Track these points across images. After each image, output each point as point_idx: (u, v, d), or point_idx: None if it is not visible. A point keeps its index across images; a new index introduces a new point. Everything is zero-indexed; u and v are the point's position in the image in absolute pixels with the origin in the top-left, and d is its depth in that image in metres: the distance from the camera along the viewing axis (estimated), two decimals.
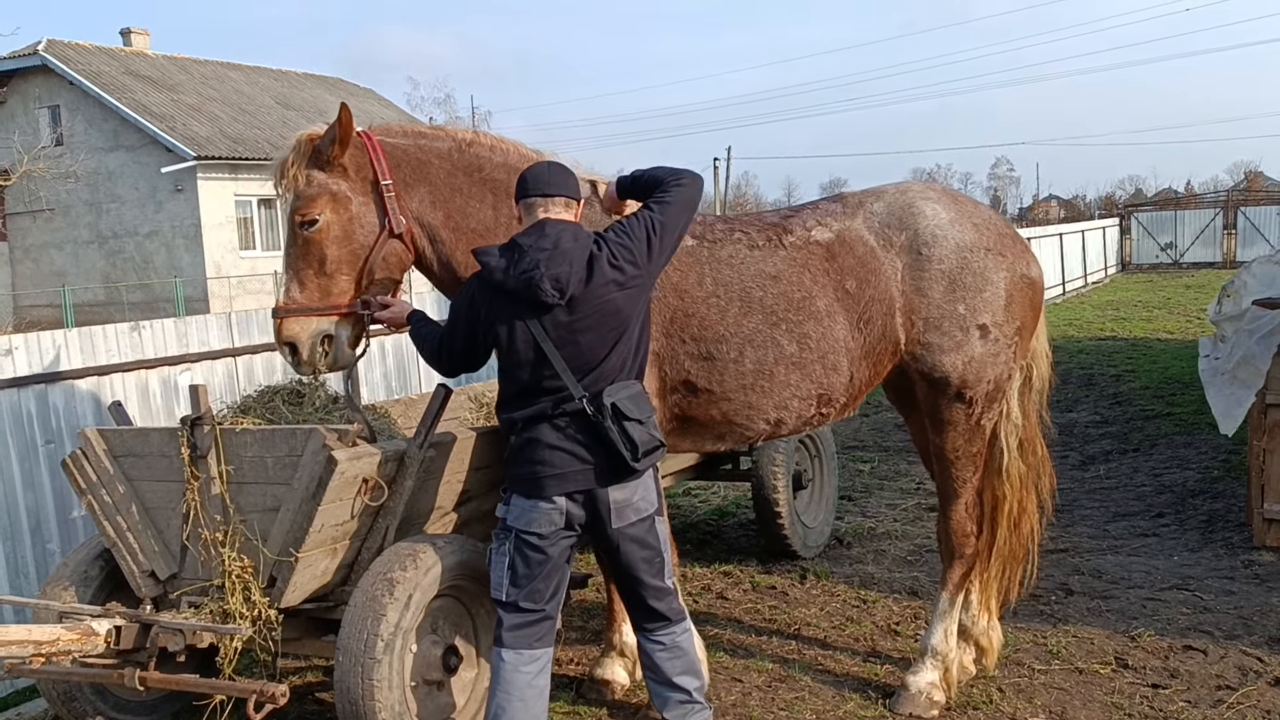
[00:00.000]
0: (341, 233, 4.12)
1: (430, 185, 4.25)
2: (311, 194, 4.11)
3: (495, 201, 4.29)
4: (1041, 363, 4.86)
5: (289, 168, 4.14)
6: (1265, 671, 4.90)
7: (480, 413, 5.91)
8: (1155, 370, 13.55)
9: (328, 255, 4.12)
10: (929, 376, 4.49)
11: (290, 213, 4.14)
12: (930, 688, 4.64)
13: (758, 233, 4.45)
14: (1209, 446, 9.30)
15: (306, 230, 4.10)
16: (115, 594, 4.41)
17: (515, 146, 4.41)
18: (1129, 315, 20.79)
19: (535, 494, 3.76)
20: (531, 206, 3.77)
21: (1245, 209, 35.29)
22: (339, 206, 4.12)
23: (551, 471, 3.73)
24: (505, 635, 3.83)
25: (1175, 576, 6.24)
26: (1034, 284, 4.62)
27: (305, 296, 4.13)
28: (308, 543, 3.94)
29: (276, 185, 4.20)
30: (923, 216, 4.46)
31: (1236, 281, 7.81)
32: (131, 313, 26.85)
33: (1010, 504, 4.81)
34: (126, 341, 5.92)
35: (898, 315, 4.41)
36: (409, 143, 4.30)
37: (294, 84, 37.50)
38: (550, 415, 3.73)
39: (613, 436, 3.66)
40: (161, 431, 4.30)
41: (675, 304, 4.26)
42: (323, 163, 4.12)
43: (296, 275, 4.14)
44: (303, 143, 4.16)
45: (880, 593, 6.18)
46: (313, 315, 4.11)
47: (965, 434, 4.57)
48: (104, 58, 31.93)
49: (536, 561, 3.79)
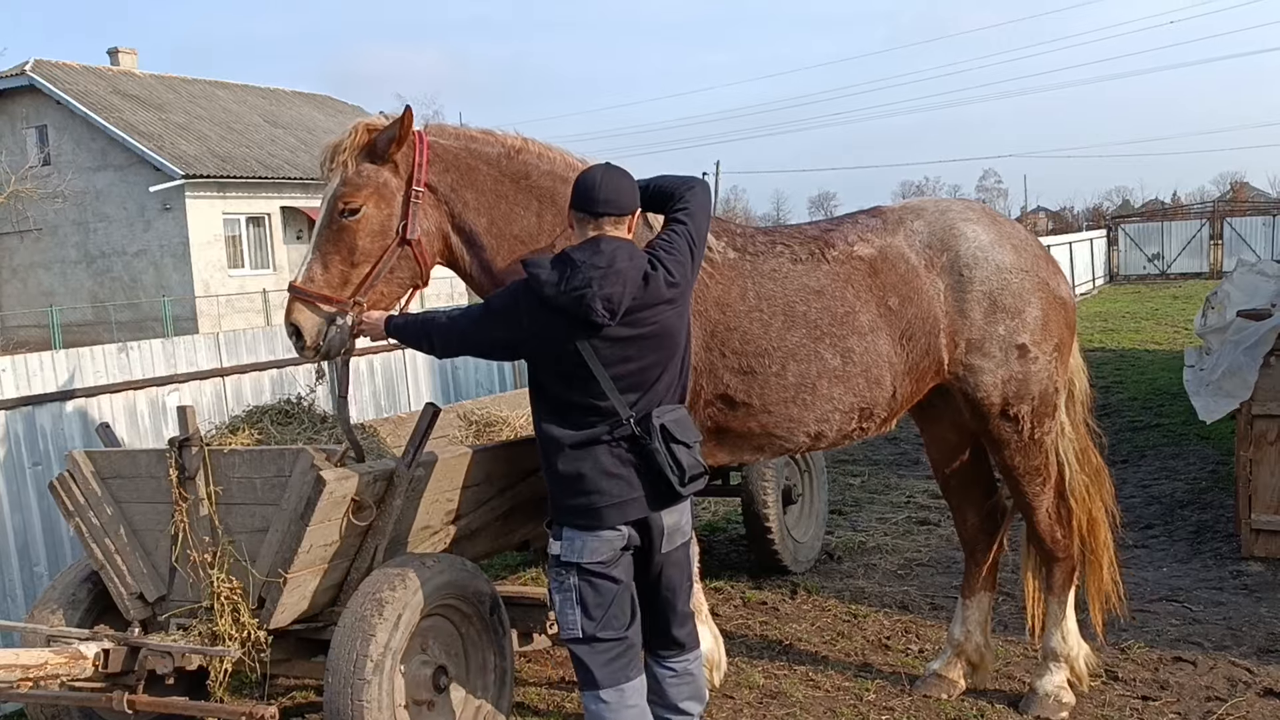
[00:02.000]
0: (378, 228, 4.08)
1: (476, 190, 4.21)
2: (359, 183, 4.06)
3: (540, 209, 4.24)
4: (1080, 376, 4.91)
5: (341, 151, 4.08)
6: (1254, 682, 4.92)
7: (469, 430, 5.90)
8: (1143, 381, 13.61)
9: (358, 246, 4.06)
10: (972, 397, 4.53)
11: (333, 196, 4.08)
12: (1059, 690, 4.73)
13: (800, 246, 4.43)
14: (1197, 458, 9.34)
15: (346, 218, 4.05)
16: (104, 617, 4.40)
17: (562, 155, 4.37)
18: (1117, 326, 20.88)
19: (596, 525, 3.56)
20: (584, 221, 3.61)
21: (1231, 220, 35.59)
22: (382, 202, 4.08)
23: (611, 501, 3.54)
24: (598, 675, 3.59)
25: (1164, 588, 6.26)
26: (1066, 303, 4.67)
27: (325, 280, 4.06)
28: (297, 563, 3.94)
29: (324, 164, 4.15)
30: (964, 239, 4.49)
31: (1220, 293, 7.88)
32: (120, 332, 26.79)
33: (1079, 517, 4.83)
34: (114, 362, 5.91)
35: (942, 335, 4.44)
36: (459, 146, 4.24)
37: (282, 102, 37.53)
38: (605, 440, 3.56)
39: (660, 460, 3.52)
40: (149, 453, 4.29)
41: (717, 317, 4.23)
42: (375, 156, 4.07)
43: (322, 258, 4.08)
44: (360, 130, 4.10)
45: (871, 607, 6.18)
46: (323, 305, 4.04)
47: (1020, 450, 4.61)
48: (91, 77, 31.94)
49: (606, 589, 3.59)
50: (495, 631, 4.36)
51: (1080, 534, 4.82)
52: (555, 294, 3.46)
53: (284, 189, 31.27)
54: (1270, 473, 6.55)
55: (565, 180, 4.18)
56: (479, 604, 4.29)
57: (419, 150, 4.11)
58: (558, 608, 3.64)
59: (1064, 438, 4.76)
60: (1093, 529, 4.86)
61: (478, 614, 4.30)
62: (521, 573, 7.12)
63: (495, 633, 4.36)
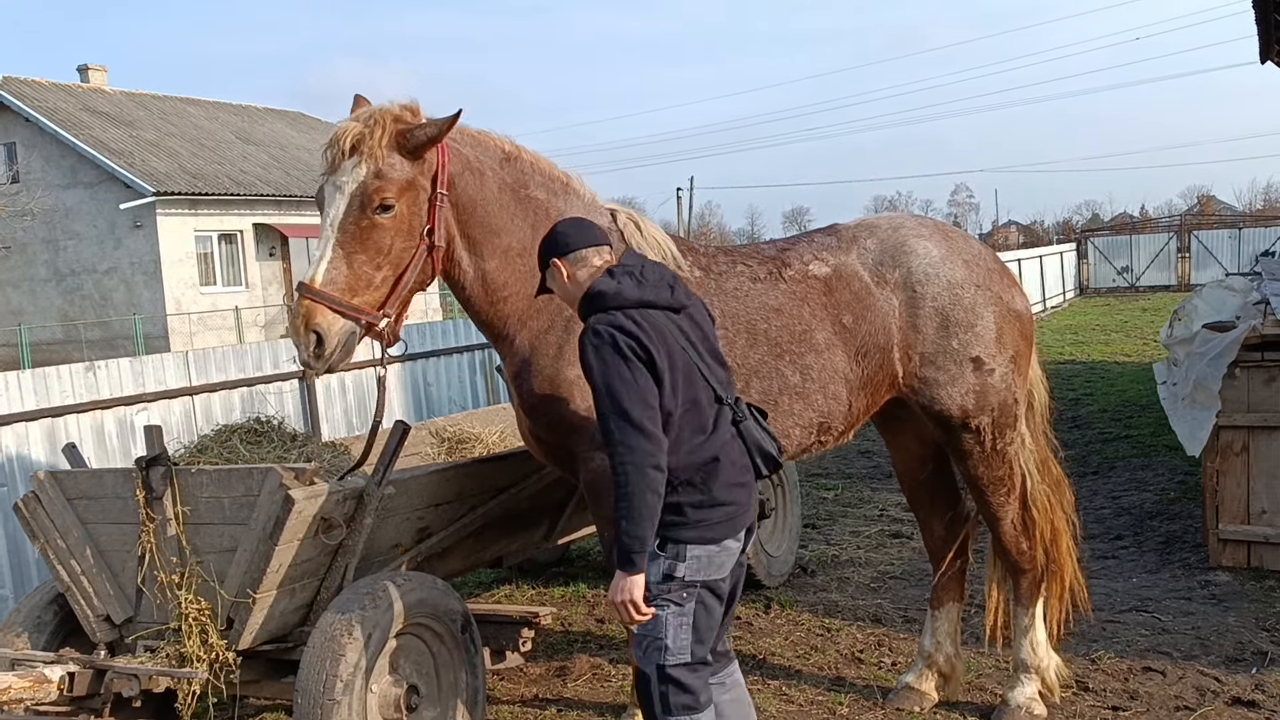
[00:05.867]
0: (408, 227, 3.84)
1: (483, 198, 4.04)
2: (395, 178, 3.77)
3: (535, 221, 4.10)
4: (1039, 388, 4.95)
5: (370, 138, 3.75)
6: (1223, 691, 4.96)
7: (442, 447, 5.89)
8: (1113, 394, 13.73)
9: (390, 247, 3.78)
10: (929, 410, 4.57)
11: (365, 190, 3.73)
12: (1030, 702, 4.75)
13: (759, 265, 4.47)
14: (1166, 469, 9.42)
15: (378, 214, 3.75)
16: (70, 639, 4.35)
17: (549, 164, 4.28)
18: (1087, 339, 21.06)
19: (726, 536, 3.34)
20: (584, 258, 3.49)
21: (1198, 233, 35.99)
22: (413, 200, 3.84)
23: (741, 510, 3.36)
24: (701, 697, 3.36)
25: (1134, 598, 6.30)
26: (1021, 316, 4.71)
27: (348, 282, 3.73)
28: (265, 583, 3.91)
29: (341, 148, 3.78)
30: (915, 255, 4.53)
31: (1187, 305, 7.96)
32: (90, 351, 26.56)
33: (1041, 527, 4.86)
34: (81, 382, 5.86)
35: (895, 350, 4.48)
36: (470, 151, 4.07)
37: (254, 119, 37.39)
38: (730, 434, 3.38)
39: (756, 436, 3.40)
40: (116, 473, 4.26)
41: None
42: (408, 151, 3.80)
43: (346, 256, 3.75)
44: (386, 120, 3.80)
45: (844, 620, 6.19)
46: (348, 311, 3.73)
47: (983, 461, 4.65)
48: (61, 94, 31.72)
49: (715, 607, 3.39)
50: (467, 650, 4.34)
51: (1043, 544, 4.86)
52: (647, 294, 3.33)
53: (256, 206, 31.14)
54: (1236, 483, 6.62)
55: (554, 194, 4.17)
56: (451, 622, 4.27)
57: (442, 150, 3.90)
58: (669, 633, 3.30)
59: (1024, 449, 4.80)
60: (1055, 538, 4.90)
61: (449, 632, 4.28)
62: (495, 590, 7.09)
63: (467, 651, 4.34)
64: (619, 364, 3.20)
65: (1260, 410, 6.52)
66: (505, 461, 4.94)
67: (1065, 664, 4.99)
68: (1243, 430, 6.58)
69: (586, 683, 5.50)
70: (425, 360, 8.64)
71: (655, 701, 3.35)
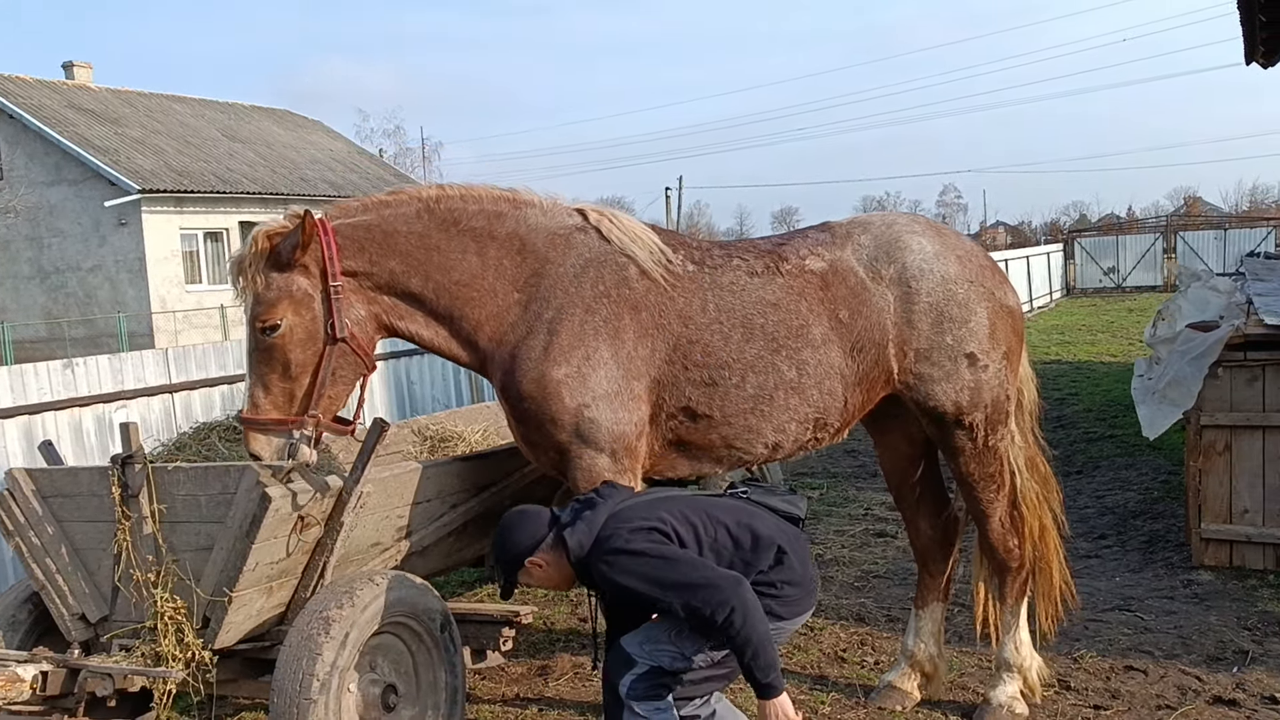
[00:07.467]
0: (306, 335, 4.00)
1: (401, 255, 4.14)
2: (271, 298, 3.97)
3: (480, 249, 4.20)
4: (1029, 386, 4.95)
5: (246, 268, 3.99)
6: (1204, 690, 4.96)
7: (424, 446, 5.85)
8: (1098, 393, 13.77)
9: (291, 360, 3.99)
10: (924, 406, 4.57)
11: (251, 318, 3.99)
12: (1011, 700, 4.76)
13: (755, 259, 4.45)
14: (1149, 468, 9.45)
15: (269, 336, 3.97)
16: (45, 638, 4.32)
17: (486, 190, 4.33)
18: (1073, 339, 21.11)
19: (801, 612, 3.81)
20: (541, 544, 3.67)
21: (1184, 233, 36.14)
22: (300, 308, 4.00)
23: (810, 585, 3.85)
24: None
25: (1117, 597, 6.31)
26: (1013, 312, 4.72)
27: (271, 403, 4.00)
28: (242, 582, 3.88)
29: (234, 283, 4.06)
30: (909, 251, 4.52)
31: (1171, 305, 7.99)
32: (74, 349, 26.39)
33: (1030, 524, 4.87)
34: (59, 379, 5.81)
35: (890, 346, 4.47)
36: (371, 218, 4.16)
37: (241, 116, 37.22)
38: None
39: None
40: (91, 471, 4.22)
41: (679, 330, 4.24)
42: (281, 264, 3.98)
43: (261, 380, 4.01)
44: (260, 240, 3.99)
45: (828, 619, 6.18)
46: (276, 428, 3.98)
47: (975, 457, 4.66)
48: (46, 91, 31.51)
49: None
50: (447, 649, 4.31)
51: (1032, 540, 4.87)
52: (608, 506, 3.67)
53: (242, 204, 30.98)
54: (1219, 482, 6.64)
55: (499, 215, 4.21)
56: (430, 621, 4.24)
57: (325, 242, 4.02)
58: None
59: (1013, 446, 4.81)
60: (1043, 535, 4.91)
61: (428, 631, 4.25)
62: (478, 589, 7.06)
63: (447, 650, 4.31)
64: (648, 551, 3.49)
65: (1243, 410, 6.53)
66: (486, 459, 4.91)
67: (1047, 663, 4.99)
68: (1225, 430, 6.60)
69: (568, 682, 5.48)
70: (409, 359, 8.60)
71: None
